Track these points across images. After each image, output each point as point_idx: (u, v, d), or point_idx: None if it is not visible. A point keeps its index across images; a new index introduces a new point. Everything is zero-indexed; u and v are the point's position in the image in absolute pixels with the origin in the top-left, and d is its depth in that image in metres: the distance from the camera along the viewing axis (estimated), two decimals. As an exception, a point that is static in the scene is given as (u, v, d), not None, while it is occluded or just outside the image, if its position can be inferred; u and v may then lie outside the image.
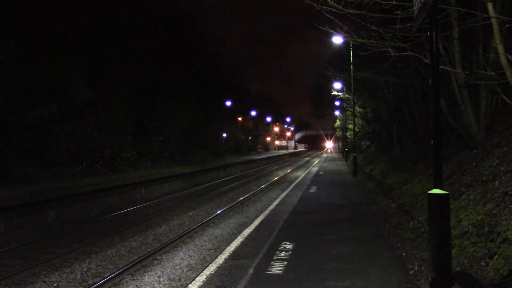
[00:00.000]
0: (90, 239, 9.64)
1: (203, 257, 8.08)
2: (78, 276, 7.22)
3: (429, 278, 4.16)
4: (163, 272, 7.21)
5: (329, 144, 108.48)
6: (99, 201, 14.66)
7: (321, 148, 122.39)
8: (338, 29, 8.04)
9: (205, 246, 8.96)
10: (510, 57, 6.22)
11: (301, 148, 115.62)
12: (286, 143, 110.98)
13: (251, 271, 5.45)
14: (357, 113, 25.34)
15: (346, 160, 38.62)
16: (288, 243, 6.85)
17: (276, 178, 24.88)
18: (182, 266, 7.56)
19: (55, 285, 6.83)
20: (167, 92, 30.17)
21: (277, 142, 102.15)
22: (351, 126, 27.54)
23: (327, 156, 57.68)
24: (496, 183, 6.17)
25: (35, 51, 18.63)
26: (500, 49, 6.34)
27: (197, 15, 37.99)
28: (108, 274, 7.02)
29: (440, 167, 4.13)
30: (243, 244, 6.97)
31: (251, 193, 17.43)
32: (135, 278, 6.91)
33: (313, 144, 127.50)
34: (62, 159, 20.03)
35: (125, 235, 10.14)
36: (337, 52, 25.43)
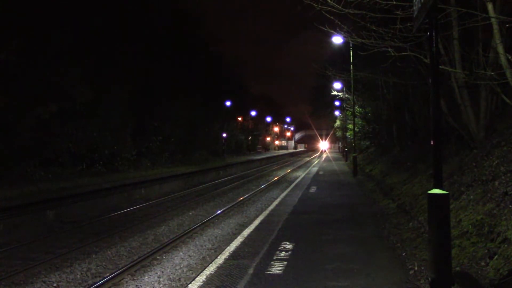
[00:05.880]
0: (90, 239, 9.65)
1: (203, 257, 8.08)
2: (78, 276, 7.22)
3: (429, 278, 4.16)
4: (163, 272, 7.22)
5: (324, 145, 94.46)
6: (99, 201, 14.66)
7: (316, 149, 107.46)
8: (338, 29, 8.04)
9: (205, 246, 8.96)
10: (510, 57, 6.22)
11: (301, 148, 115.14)
12: (286, 143, 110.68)
13: (251, 271, 5.45)
14: (357, 113, 25.35)
15: (346, 160, 38.62)
16: (288, 243, 6.85)
17: (276, 178, 24.88)
18: (182, 266, 7.57)
19: (55, 285, 6.83)
20: (167, 92, 30.14)
21: (277, 142, 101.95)
22: (351, 126, 27.55)
23: (326, 157, 57.61)
24: (496, 183, 6.17)
25: (35, 51, 18.61)
26: (500, 49, 6.34)
27: (198, 14, 37.84)
28: (108, 274, 7.03)
29: (440, 167, 4.13)
30: (243, 244, 6.97)
31: (251, 193, 17.42)
32: (135, 278, 6.92)
33: (313, 144, 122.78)
34: (62, 159, 20.01)
35: (125, 235, 10.14)
36: (337, 52, 25.49)
